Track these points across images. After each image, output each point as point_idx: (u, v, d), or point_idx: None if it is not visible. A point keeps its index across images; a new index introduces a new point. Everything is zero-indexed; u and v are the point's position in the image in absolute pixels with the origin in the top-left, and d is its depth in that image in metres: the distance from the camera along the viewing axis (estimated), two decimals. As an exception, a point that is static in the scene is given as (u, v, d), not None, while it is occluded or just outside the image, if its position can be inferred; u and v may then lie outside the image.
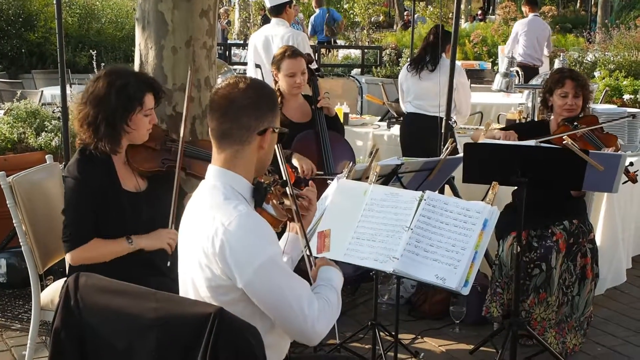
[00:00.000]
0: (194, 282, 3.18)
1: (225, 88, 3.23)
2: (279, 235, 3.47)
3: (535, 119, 6.28)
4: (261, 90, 3.28)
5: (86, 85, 4.56)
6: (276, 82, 6.38)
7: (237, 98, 3.19)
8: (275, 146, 3.41)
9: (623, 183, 5.59)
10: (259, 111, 3.21)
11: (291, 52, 6.32)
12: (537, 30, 14.78)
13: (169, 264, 4.34)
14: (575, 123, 5.75)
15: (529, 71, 13.15)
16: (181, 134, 4.76)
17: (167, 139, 4.82)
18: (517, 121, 8.18)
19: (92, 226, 4.42)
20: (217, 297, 3.09)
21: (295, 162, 5.97)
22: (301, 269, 3.43)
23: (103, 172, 4.46)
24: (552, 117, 6.05)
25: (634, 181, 5.70)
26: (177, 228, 4.20)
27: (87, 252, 4.39)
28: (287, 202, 3.45)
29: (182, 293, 3.31)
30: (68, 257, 4.42)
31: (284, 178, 3.48)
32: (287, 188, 3.44)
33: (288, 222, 3.54)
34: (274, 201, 3.42)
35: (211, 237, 3.04)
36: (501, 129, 6.51)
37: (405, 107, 8.52)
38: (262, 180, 3.33)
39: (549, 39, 15.07)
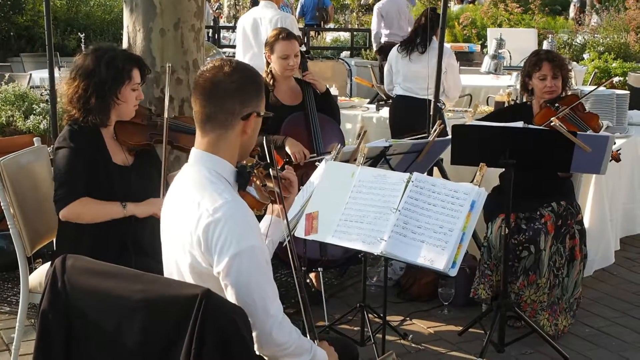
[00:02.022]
0: (179, 266, 3.18)
1: (210, 71, 3.19)
2: (260, 217, 3.47)
3: (524, 100, 6.31)
4: (247, 74, 3.23)
5: (73, 64, 4.66)
6: (268, 64, 6.39)
7: (221, 82, 3.15)
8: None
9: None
10: (243, 96, 3.18)
11: (285, 35, 6.32)
12: (397, 7, 15.13)
13: None
14: (557, 104, 5.76)
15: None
16: (165, 114, 4.85)
17: (152, 114, 4.93)
18: (506, 103, 8.18)
19: (84, 187, 4.49)
20: (202, 284, 3.05)
21: (287, 149, 5.99)
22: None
23: (94, 144, 4.57)
24: (533, 99, 6.06)
25: (617, 160, 5.72)
26: None
27: (78, 209, 4.45)
28: (269, 184, 3.45)
29: (166, 275, 3.30)
30: (60, 215, 4.46)
31: (268, 160, 3.47)
32: (270, 170, 3.43)
33: (271, 204, 3.55)
34: (257, 183, 3.42)
35: (195, 223, 3.02)
36: (487, 115, 6.54)
37: (393, 89, 8.52)
38: (245, 163, 3.32)
39: (409, 14, 15.44)
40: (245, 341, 2.81)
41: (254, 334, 3.02)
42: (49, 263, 4.81)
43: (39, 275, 4.81)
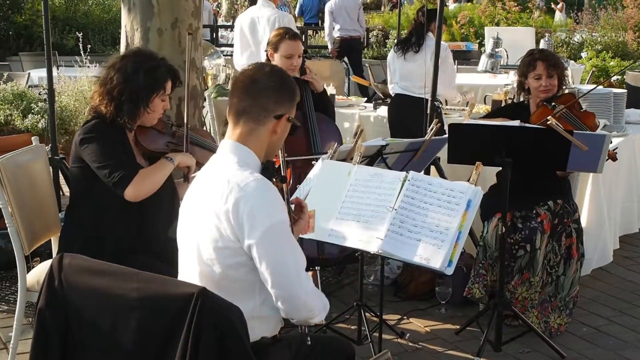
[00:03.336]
0: (199, 246, 3.26)
1: (252, 70, 3.46)
2: None
3: (522, 99, 6.32)
4: (284, 77, 3.49)
5: (110, 62, 4.69)
6: (269, 62, 6.40)
7: (260, 79, 3.39)
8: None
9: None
10: (278, 96, 3.39)
11: (291, 35, 6.33)
12: (345, 4, 15.68)
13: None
14: (554, 103, 5.77)
15: (352, 43, 15.57)
16: (185, 120, 4.98)
17: (171, 123, 5.01)
18: (503, 102, 8.19)
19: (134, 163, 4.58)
20: (221, 260, 3.19)
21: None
22: None
23: (122, 141, 4.63)
24: (530, 98, 6.07)
25: (614, 159, 5.73)
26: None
27: (139, 185, 4.47)
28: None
29: (182, 267, 3.40)
30: (126, 195, 4.46)
31: (283, 174, 3.67)
32: (284, 185, 3.54)
33: None
34: None
35: (225, 196, 3.15)
36: (487, 115, 6.55)
37: (392, 89, 8.53)
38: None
39: (360, 9, 16.10)
40: (241, 339, 2.83)
41: (287, 304, 3.20)
42: (47, 262, 4.82)
43: (37, 274, 4.82)
